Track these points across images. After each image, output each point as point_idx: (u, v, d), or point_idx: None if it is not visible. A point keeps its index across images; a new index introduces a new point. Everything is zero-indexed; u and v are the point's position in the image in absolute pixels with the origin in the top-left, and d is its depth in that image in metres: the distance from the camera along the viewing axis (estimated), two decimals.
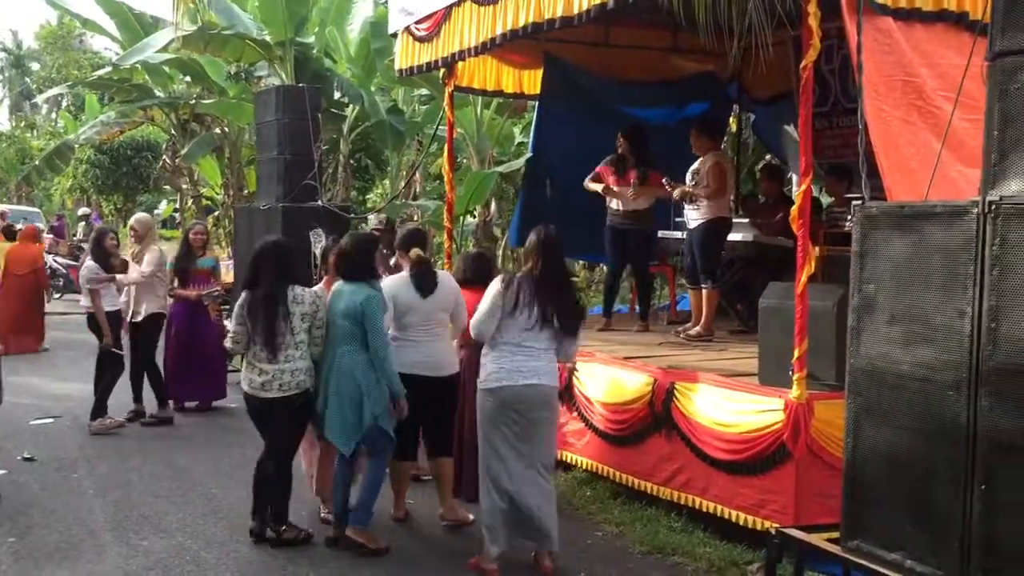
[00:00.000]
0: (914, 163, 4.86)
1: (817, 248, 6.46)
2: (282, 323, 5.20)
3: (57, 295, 17.24)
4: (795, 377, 5.03)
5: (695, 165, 7.58)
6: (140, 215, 9.85)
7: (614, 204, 8.01)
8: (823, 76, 8.48)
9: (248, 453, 6.19)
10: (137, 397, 8.50)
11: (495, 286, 4.96)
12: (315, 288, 5.69)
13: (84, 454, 7.36)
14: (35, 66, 48.65)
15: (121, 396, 8.38)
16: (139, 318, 8.34)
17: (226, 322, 10.08)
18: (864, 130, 4.73)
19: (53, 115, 44.51)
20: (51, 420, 8.45)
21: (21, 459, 7.09)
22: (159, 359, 8.64)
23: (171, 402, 8.64)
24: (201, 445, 7.69)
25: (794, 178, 11.54)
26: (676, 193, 7.50)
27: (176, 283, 8.71)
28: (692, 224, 7.54)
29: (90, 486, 6.53)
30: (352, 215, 8.91)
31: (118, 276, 8.31)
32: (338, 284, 5.42)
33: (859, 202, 3.89)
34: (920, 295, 3.44)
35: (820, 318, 5.12)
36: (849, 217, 7.81)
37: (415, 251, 5.58)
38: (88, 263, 8.28)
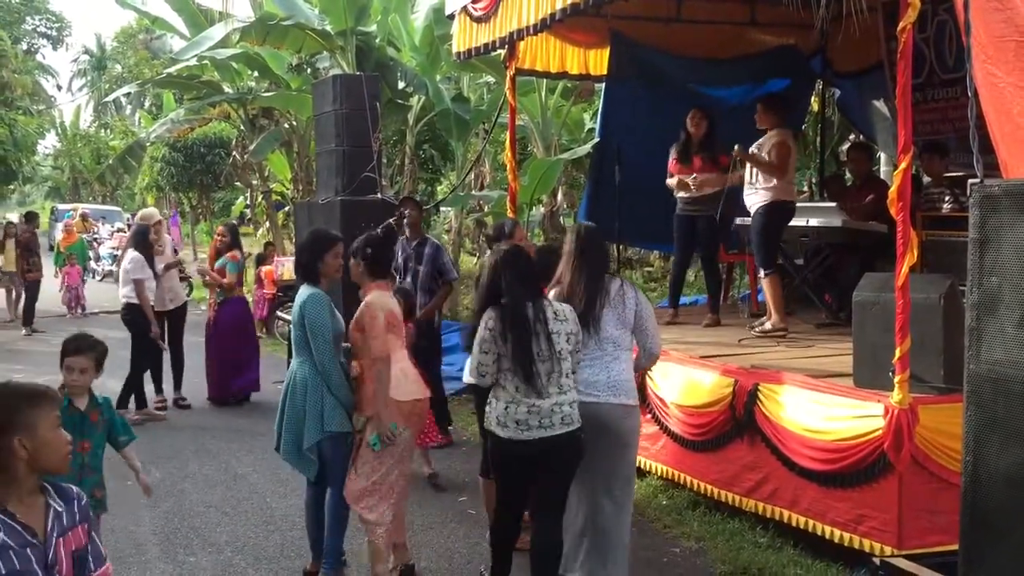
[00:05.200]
0: None
1: (914, 233, 5.86)
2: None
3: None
4: (896, 379, 4.51)
5: (760, 141, 7.08)
6: (144, 210, 10.43)
7: (682, 191, 7.55)
8: (916, 45, 7.80)
9: None
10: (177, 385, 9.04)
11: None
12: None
13: (140, 458, 7.11)
14: (118, 68, 49.84)
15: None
16: (172, 307, 8.85)
17: (281, 313, 10.10)
18: (974, 98, 4.12)
19: (136, 116, 45.58)
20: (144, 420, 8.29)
21: None
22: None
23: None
24: (260, 448, 7.42)
25: (882, 157, 10.84)
26: (736, 153, 6.98)
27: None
28: (752, 209, 7.05)
29: (141, 494, 6.27)
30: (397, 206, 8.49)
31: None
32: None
33: (976, 180, 3.31)
34: None
35: (924, 313, 4.56)
36: (948, 198, 7.21)
37: None
38: (132, 254, 8.45)
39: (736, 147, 6.95)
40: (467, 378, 4.69)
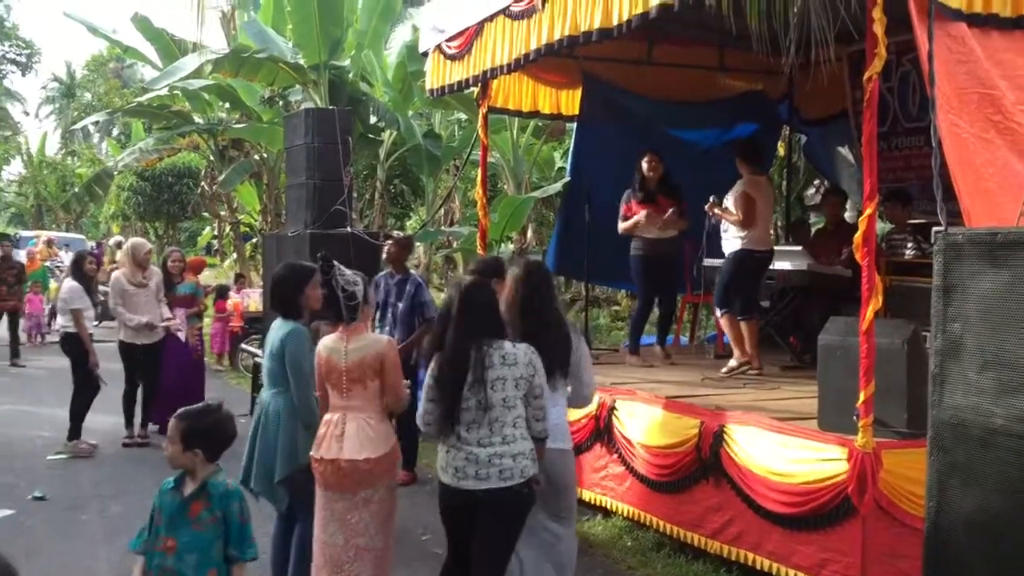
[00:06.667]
0: (992, 184, 4.37)
1: (879, 279, 5.95)
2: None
3: (96, 322, 17.14)
4: (860, 423, 4.53)
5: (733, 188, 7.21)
6: (136, 240, 10.01)
7: (649, 233, 7.60)
8: (881, 94, 7.99)
9: None
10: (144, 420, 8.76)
11: None
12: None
13: (98, 492, 7.02)
14: (87, 96, 49.49)
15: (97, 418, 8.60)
16: (147, 341, 8.54)
17: (246, 346, 9.87)
18: (938, 148, 4.21)
19: (103, 144, 45.23)
20: (69, 456, 8.13)
21: (31, 498, 6.76)
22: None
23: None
24: None
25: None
26: (710, 206, 7.13)
27: None
28: (725, 252, 7.23)
29: (99, 529, 6.17)
30: (383, 242, 8.50)
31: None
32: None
33: (940, 228, 3.38)
34: (1017, 338, 2.94)
35: (888, 357, 4.61)
36: (911, 244, 7.34)
37: None
38: (70, 283, 8.39)
39: (712, 198, 7.05)
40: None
